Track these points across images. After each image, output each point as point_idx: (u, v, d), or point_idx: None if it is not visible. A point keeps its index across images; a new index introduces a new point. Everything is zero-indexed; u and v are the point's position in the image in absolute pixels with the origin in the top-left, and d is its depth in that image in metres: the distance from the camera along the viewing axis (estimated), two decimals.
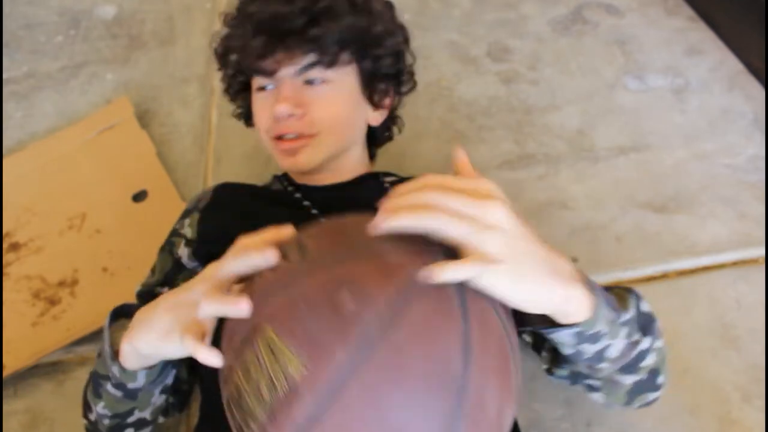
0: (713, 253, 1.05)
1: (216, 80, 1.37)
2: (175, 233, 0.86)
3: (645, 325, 0.58)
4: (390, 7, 0.86)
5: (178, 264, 0.83)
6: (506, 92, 1.31)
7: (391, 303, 0.41)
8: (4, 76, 1.41)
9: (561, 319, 0.50)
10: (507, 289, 0.44)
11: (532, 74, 1.34)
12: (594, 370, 0.58)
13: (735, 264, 1.04)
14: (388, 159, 1.02)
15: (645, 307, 0.59)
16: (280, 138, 0.79)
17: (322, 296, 0.42)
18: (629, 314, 0.55)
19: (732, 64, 1.33)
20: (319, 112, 0.77)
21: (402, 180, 0.89)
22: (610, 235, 1.09)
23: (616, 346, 0.54)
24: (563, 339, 0.53)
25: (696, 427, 0.88)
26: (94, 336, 0.97)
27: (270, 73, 0.77)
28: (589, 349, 0.53)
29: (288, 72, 0.77)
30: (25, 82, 1.39)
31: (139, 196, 1.15)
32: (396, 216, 0.43)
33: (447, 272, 0.42)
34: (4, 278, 1.04)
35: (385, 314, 0.41)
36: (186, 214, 0.87)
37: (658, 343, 0.60)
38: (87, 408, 0.71)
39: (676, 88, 1.30)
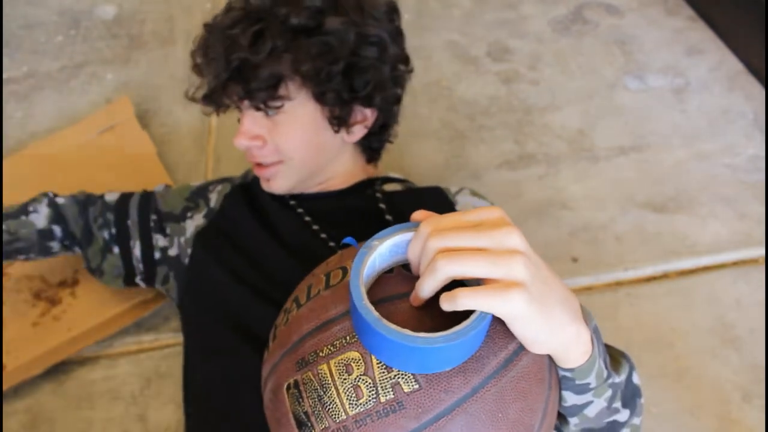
0: (713, 253, 1.05)
1: None
2: (203, 191, 0.90)
3: (629, 397, 0.54)
4: (354, 22, 0.76)
5: (181, 217, 0.87)
6: (506, 92, 1.31)
7: (508, 355, 0.43)
8: (4, 76, 1.41)
9: (560, 360, 0.47)
10: (528, 317, 0.40)
11: (532, 74, 1.34)
12: (562, 423, 0.55)
13: (735, 264, 1.04)
14: (388, 159, 1.02)
15: (636, 378, 0.55)
16: (257, 163, 0.82)
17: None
18: (619, 379, 0.52)
19: (732, 64, 1.33)
20: (280, 140, 0.77)
21: (402, 185, 0.88)
22: (610, 235, 1.09)
23: (595, 405, 0.51)
24: None
25: (696, 427, 0.88)
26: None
27: (224, 107, 0.79)
28: (571, 398, 0.50)
29: (246, 103, 0.77)
30: (25, 82, 1.39)
31: None
32: (422, 281, 0.41)
33: (463, 298, 0.39)
34: (5, 278, 1.04)
35: (501, 363, 0.43)
36: (224, 180, 0.91)
37: (636, 420, 0.56)
38: None
39: (676, 88, 1.30)
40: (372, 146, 0.90)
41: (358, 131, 0.83)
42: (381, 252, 0.44)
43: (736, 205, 1.11)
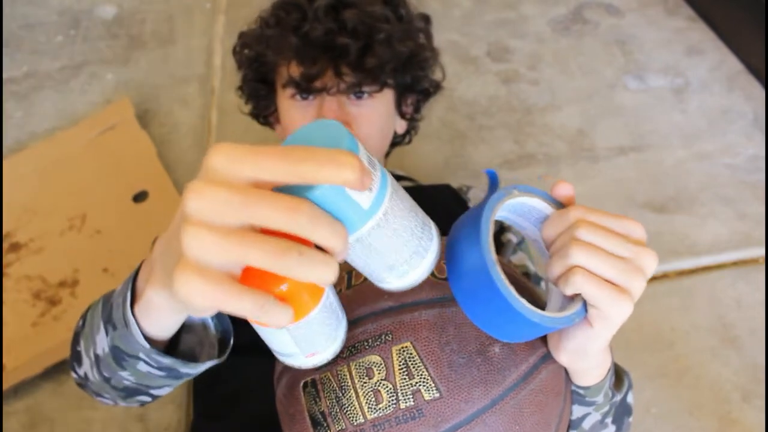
0: (713, 253, 1.05)
1: (216, 80, 1.37)
2: None
3: (620, 414, 0.55)
4: (427, 21, 0.86)
5: None
6: (506, 92, 1.31)
7: (528, 368, 0.43)
8: (4, 76, 1.41)
9: (578, 377, 0.48)
10: (612, 330, 0.42)
11: (532, 74, 1.34)
12: None
13: (735, 264, 1.04)
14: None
15: (630, 398, 0.57)
16: None
17: (474, 338, 0.42)
18: (618, 397, 0.53)
19: (732, 64, 1.33)
20: (362, 128, 0.76)
21: (416, 186, 0.89)
22: None
23: (591, 417, 0.52)
24: None
25: (696, 427, 0.88)
26: None
27: (316, 92, 0.75)
28: (575, 411, 0.51)
29: (331, 90, 0.75)
30: (25, 82, 1.39)
31: (140, 197, 1.15)
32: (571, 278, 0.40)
33: (581, 283, 0.39)
34: (5, 278, 1.04)
35: (524, 374, 0.43)
36: None
37: None
38: (76, 360, 0.54)
39: (676, 88, 1.30)
40: (395, 142, 0.93)
41: (406, 123, 0.89)
42: (510, 203, 0.42)
43: (736, 205, 1.11)
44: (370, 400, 0.41)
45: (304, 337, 0.36)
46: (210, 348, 0.48)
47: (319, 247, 0.30)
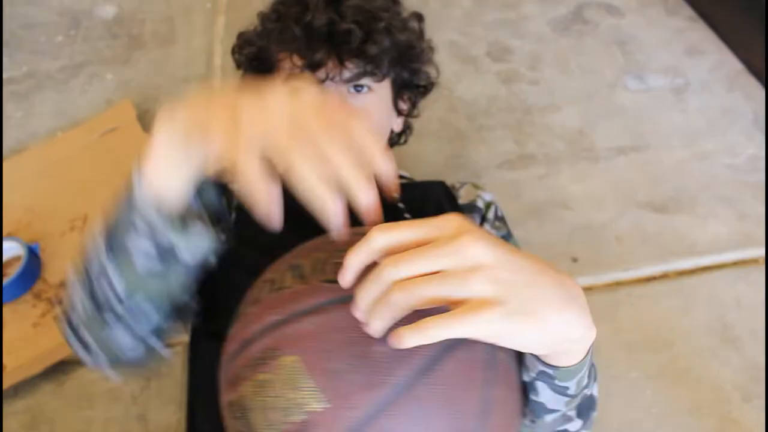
0: (713, 253, 1.05)
1: (216, 80, 1.37)
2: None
3: (585, 408, 0.52)
4: (420, 19, 0.87)
5: None
6: (506, 92, 1.31)
7: (425, 359, 0.40)
8: (4, 76, 1.41)
9: (551, 357, 0.44)
10: (515, 332, 0.36)
11: (532, 74, 1.34)
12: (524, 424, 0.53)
13: (735, 264, 1.04)
14: None
15: (595, 390, 0.53)
16: None
17: (357, 339, 0.39)
18: (589, 391, 0.50)
19: (732, 64, 1.33)
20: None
21: (410, 182, 0.89)
22: (610, 235, 1.09)
23: (559, 409, 0.49)
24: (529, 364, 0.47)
25: (696, 427, 0.88)
26: None
27: (318, 83, 0.75)
28: (547, 396, 0.47)
29: (334, 79, 0.75)
30: (25, 82, 1.39)
31: None
32: (377, 319, 0.37)
33: (434, 329, 0.35)
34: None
35: (417, 370, 0.39)
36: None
37: None
38: (68, 303, 0.55)
39: (676, 88, 1.30)
40: (392, 142, 0.93)
41: (402, 121, 0.89)
42: None
43: (736, 205, 1.11)
44: (267, 418, 0.41)
45: None
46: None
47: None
